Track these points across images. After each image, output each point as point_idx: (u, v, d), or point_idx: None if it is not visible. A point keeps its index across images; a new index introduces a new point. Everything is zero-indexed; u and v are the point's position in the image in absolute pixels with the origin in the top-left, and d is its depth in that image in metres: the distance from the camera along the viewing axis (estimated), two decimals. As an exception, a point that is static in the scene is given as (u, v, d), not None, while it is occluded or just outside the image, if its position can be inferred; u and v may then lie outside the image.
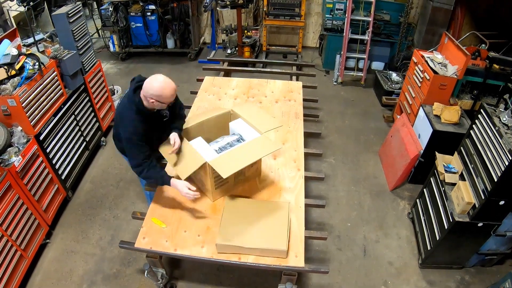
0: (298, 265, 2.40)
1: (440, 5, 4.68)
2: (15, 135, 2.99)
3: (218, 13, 6.81)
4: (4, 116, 2.98)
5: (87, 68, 4.01)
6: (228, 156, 2.54)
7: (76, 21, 3.69)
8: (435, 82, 3.69)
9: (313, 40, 7.15)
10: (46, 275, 3.16)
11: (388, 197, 3.99)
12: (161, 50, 6.56)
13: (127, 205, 3.85)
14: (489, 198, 2.52)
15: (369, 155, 4.56)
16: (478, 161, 2.72)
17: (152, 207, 2.79)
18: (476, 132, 2.80)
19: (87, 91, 4.07)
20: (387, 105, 5.25)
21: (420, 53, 4.04)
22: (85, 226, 3.61)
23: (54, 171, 3.49)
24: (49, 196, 3.38)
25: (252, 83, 4.26)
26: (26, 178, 3.04)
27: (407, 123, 4.01)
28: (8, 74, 2.88)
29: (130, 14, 6.11)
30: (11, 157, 2.87)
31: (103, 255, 3.33)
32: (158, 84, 2.32)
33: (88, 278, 3.15)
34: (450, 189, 2.97)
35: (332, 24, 5.83)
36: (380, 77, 5.47)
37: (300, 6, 5.99)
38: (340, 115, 5.32)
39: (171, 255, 2.51)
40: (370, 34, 5.32)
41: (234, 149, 2.62)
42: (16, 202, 2.90)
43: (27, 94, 3.02)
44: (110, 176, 4.22)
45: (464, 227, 2.75)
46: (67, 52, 3.56)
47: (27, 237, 3.03)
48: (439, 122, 3.58)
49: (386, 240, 3.51)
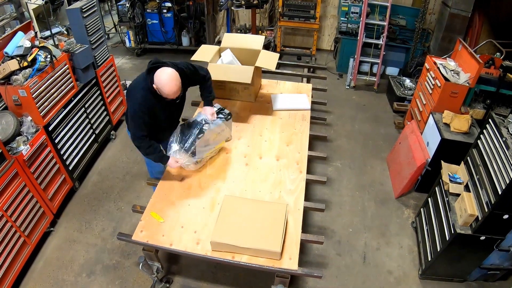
0: (291, 267, 2.39)
1: (457, 12, 4.57)
2: (24, 124, 3.08)
3: (234, 12, 6.84)
4: (15, 106, 3.08)
5: (99, 62, 4.10)
6: None
7: (90, 16, 3.78)
8: (446, 89, 3.61)
9: (328, 43, 7.09)
10: (48, 262, 3.25)
11: (393, 204, 3.92)
12: (176, 47, 6.64)
13: (132, 198, 3.91)
14: (493, 211, 2.44)
15: (376, 161, 4.50)
16: (483, 173, 2.65)
17: (152, 201, 2.84)
18: (484, 143, 2.72)
19: (98, 85, 4.15)
20: (399, 111, 5.17)
21: (433, 59, 3.96)
22: (89, 216, 3.69)
23: (62, 161, 3.57)
24: (55, 186, 3.47)
25: (262, 83, 4.26)
26: (33, 167, 3.12)
27: (416, 130, 3.94)
28: (20, 65, 2.97)
29: (146, 11, 6.22)
30: (19, 145, 2.96)
31: (104, 246, 3.40)
32: (164, 78, 2.45)
33: (88, 267, 3.21)
34: (454, 200, 2.89)
35: (347, 27, 5.77)
36: (393, 82, 5.38)
37: (315, 8, 5.95)
38: (350, 119, 5.26)
39: (166, 249, 2.54)
40: (385, 39, 5.23)
41: None
42: (22, 189, 2.99)
43: (38, 85, 3.11)
44: (117, 169, 4.29)
45: (465, 239, 2.68)
46: (80, 46, 3.65)
47: (31, 224, 3.11)
48: (448, 131, 3.50)
49: (387, 248, 3.45)
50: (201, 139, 2.82)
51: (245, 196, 2.84)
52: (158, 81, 2.46)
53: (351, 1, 5.59)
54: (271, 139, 3.42)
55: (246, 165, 3.12)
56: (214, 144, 3.04)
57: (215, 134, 2.99)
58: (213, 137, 2.97)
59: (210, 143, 2.98)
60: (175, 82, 2.48)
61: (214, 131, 2.95)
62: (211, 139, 2.96)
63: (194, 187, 2.92)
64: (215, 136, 3.00)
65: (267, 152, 3.25)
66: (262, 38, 3.99)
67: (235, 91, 3.93)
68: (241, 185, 2.93)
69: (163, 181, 3.00)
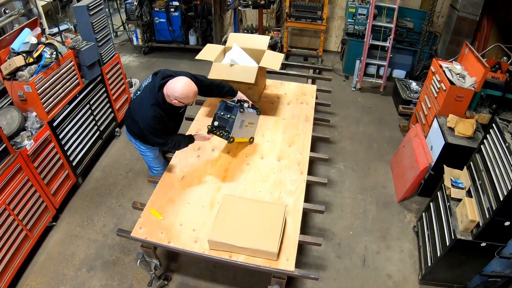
0: (288, 268, 2.39)
1: (465, 15, 4.52)
2: (29, 119, 3.12)
3: (241, 12, 6.84)
4: (20, 101, 3.12)
5: (105, 59, 4.14)
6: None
7: (97, 14, 3.81)
8: (451, 93, 3.57)
9: (335, 44, 7.06)
10: (49, 256, 3.29)
11: (395, 208, 3.89)
12: (183, 46, 6.67)
13: (134, 195, 3.94)
14: (494, 217, 2.41)
15: (380, 164, 4.46)
16: (486, 178, 2.61)
17: (152, 199, 2.86)
18: (487, 148, 2.69)
19: (104, 82, 4.19)
20: (404, 115, 5.12)
21: (439, 62, 3.92)
22: (91, 212, 3.72)
23: (66, 157, 3.61)
24: (58, 181, 3.51)
25: (267, 84, 4.26)
26: (36, 162, 3.17)
27: (420, 134, 3.90)
28: (26, 61, 3.01)
29: (154, 9, 6.25)
30: (23, 140, 3.00)
31: (105, 242, 3.43)
32: (181, 88, 2.55)
33: (88, 262, 3.24)
34: (455, 205, 2.86)
35: (354, 29, 5.74)
36: (399, 85, 5.34)
37: (322, 9, 5.93)
38: (355, 121, 5.23)
39: (163, 246, 2.56)
40: (392, 41, 5.19)
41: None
42: (25, 184, 3.03)
43: (43, 81, 3.15)
44: (121, 166, 4.33)
45: (466, 245, 2.64)
46: (86, 43, 3.69)
47: (34, 218, 3.16)
48: (453, 135, 3.46)
49: (387, 252, 3.43)
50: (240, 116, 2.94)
51: (245, 196, 2.84)
52: (176, 91, 2.55)
53: (358, 3, 5.56)
54: (273, 139, 3.42)
55: (247, 164, 3.12)
56: (244, 134, 3.14)
57: (246, 121, 3.07)
58: (244, 124, 3.07)
59: (243, 129, 3.08)
60: (192, 86, 2.62)
61: (247, 117, 3.04)
62: (243, 124, 3.06)
63: (195, 185, 2.93)
64: (246, 124, 3.08)
65: (269, 153, 3.25)
66: (268, 38, 4.00)
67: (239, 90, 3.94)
68: (241, 185, 2.93)
69: (164, 179, 3.01)
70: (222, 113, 2.96)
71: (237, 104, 2.96)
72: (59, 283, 3.08)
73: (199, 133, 3.16)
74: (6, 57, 3.02)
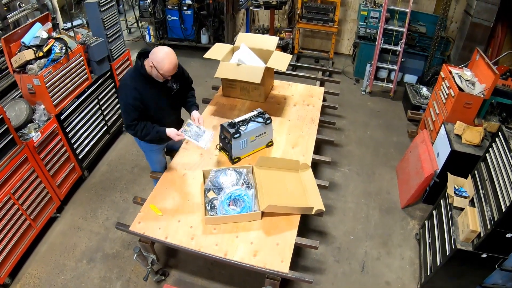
0: (282, 270, 2.38)
1: (479, 21, 4.42)
2: (37, 112, 3.20)
3: (254, 12, 6.85)
4: (29, 94, 3.20)
5: (115, 55, 4.20)
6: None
7: (107, 10, 3.88)
8: (460, 99, 3.50)
9: (347, 47, 7.00)
10: (51, 246, 3.36)
11: (398, 214, 3.83)
12: (194, 44, 6.71)
13: (137, 190, 3.99)
14: (495, 228, 2.35)
15: (386, 169, 4.41)
16: (489, 187, 2.55)
17: (152, 194, 2.89)
18: (492, 156, 2.63)
19: (113, 78, 4.25)
20: (413, 120, 5.04)
21: (449, 68, 3.85)
22: (95, 205, 3.78)
23: (72, 150, 3.68)
24: (64, 173, 3.58)
25: (274, 84, 4.26)
26: (43, 154, 3.24)
27: (427, 140, 3.84)
28: (35, 55, 3.09)
29: (167, 7, 6.31)
30: (30, 132, 3.07)
31: (106, 235, 3.48)
32: (162, 54, 2.50)
33: (88, 254, 3.30)
34: (457, 214, 2.80)
35: (366, 32, 5.68)
36: (409, 90, 5.26)
37: (334, 11, 5.89)
38: (363, 125, 5.18)
39: (160, 241, 2.59)
40: (403, 46, 5.12)
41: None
42: (31, 175, 3.10)
43: (52, 75, 3.22)
44: (127, 161, 4.39)
45: (466, 256, 2.58)
46: (96, 39, 3.75)
47: (38, 209, 3.23)
48: (459, 142, 3.39)
49: (388, 258, 3.38)
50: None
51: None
52: (156, 57, 2.49)
53: (371, 6, 5.50)
54: (277, 140, 3.42)
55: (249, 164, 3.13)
56: (252, 148, 3.19)
57: (251, 137, 3.10)
58: (249, 141, 3.10)
59: (248, 145, 3.13)
60: (173, 56, 2.54)
61: (249, 135, 3.07)
62: (247, 143, 3.10)
63: (195, 183, 2.95)
64: (252, 139, 3.11)
65: (272, 153, 3.26)
66: (276, 39, 4.00)
67: (246, 90, 3.95)
68: (241, 185, 2.94)
69: (166, 175, 3.05)
70: (223, 137, 3.08)
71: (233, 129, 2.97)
72: (59, 273, 3.14)
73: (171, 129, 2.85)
74: (16, 51, 3.09)
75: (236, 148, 3.06)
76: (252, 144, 3.18)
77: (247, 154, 3.19)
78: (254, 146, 3.21)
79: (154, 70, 2.54)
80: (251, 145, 3.17)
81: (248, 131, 3.04)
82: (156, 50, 2.51)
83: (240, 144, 3.05)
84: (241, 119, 3.08)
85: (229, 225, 2.64)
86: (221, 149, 3.22)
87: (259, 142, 3.23)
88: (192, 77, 3.22)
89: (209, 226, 2.62)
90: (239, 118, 3.12)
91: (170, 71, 2.55)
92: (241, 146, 3.09)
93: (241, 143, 3.06)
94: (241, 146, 3.08)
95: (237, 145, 3.04)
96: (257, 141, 3.20)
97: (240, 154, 3.14)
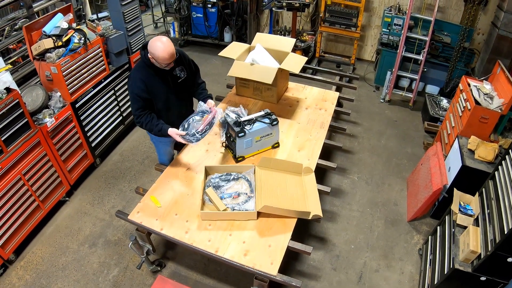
0: (270, 272, 2.38)
1: (506, 34, 4.23)
2: (53, 99, 3.33)
3: (278, 14, 6.85)
4: (47, 81, 3.34)
5: (134, 49, 4.31)
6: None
7: (129, 4, 3.99)
8: (476, 113, 3.37)
9: (370, 54, 6.87)
10: (57, 228, 3.49)
11: (403, 227, 3.73)
12: (217, 42, 6.78)
13: (146, 181, 4.07)
14: (495, 251, 2.25)
15: (396, 180, 4.30)
16: (495, 207, 2.45)
17: (154, 186, 2.96)
18: (500, 174, 2.52)
19: (131, 70, 4.36)
20: (430, 132, 4.90)
21: (468, 80, 3.71)
22: (103, 192, 3.90)
23: (85, 137, 3.81)
24: (76, 159, 3.71)
25: (289, 87, 4.26)
26: (56, 139, 3.37)
27: (439, 153, 3.71)
28: (55, 44, 3.22)
29: (192, 4, 6.42)
30: (45, 117, 3.21)
31: (110, 222, 3.58)
32: (158, 44, 2.54)
33: (91, 239, 3.41)
34: (460, 232, 2.70)
35: (388, 39, 5.55)
36: (429, 101, 5.11)
37: (357, 16, 5.80)
38: (378, 133, 5.07)
39: (155, 232, 2.64)
40: (425, 55, 4.98)
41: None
42: (42, 158, 3.24)
43: (69, 64, 3.35)
44: (138, 153, 4.49)
45: (464, 277, 2.48)
46: (115, 31, 3.87)
47: (47, 191, 3.37)
48: (472, 158, 3.27)
49: (387, 271, 3.30)
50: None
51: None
52: (150, 47, 2.55)
53: (395, 13, 5.38)
54: (284, 142, 3.42)
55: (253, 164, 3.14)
56: (257, 148, 3.21)
57: (257, 137, 3.12)
58: (254, 141, 3.13)
59: (253, 145, 3.15)
60: (167, 44, 2.55)
61: (255, 135, 3.10)
62: (252, 142, 3.13)
63: (198, 179, 3.00)
64: (257, 139, 3.14)
65: (277, 155, 3.26)
66: (293, 41, 3.99)
67: (259, 90, 3.97)
68: (243, 185, 2.95)
69: (170, 169, 3.11)
70: (228, 135, 3.13)
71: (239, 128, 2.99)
72: (61, 255, 3.26)
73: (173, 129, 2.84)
74: (37, 39, 3.24)
75: (240, 147, 3.08)
76: (258, 144, 3.19)
77: (251, 153, 3.21)
78: (260, 146, 3.23)
79: (153, 60, 2.63)
80: (256, 145, 3.19)
81: (253, 130, 3.06)
82: (151, 41, 2.57)
83: (244, 143, 3.07)
84: (248, 119, 3.10)
85: (224, 223, 2.66)
86: (226, 147, 3.25)
87: (265, 142, 3.24)
88: (213, 75, 3.27)
89: (204, 222, 2.66)
90: (246, 117, 3.14)
91: (166, 59, 2.57)
92: (246, 145, 3.11)
93: (246, 142, 3.08)
94: (245, 145, 3.10)
95: (241, 144, 3.06)
96: (263, 142, 3.21)
97: (244, 153, 3.16)
